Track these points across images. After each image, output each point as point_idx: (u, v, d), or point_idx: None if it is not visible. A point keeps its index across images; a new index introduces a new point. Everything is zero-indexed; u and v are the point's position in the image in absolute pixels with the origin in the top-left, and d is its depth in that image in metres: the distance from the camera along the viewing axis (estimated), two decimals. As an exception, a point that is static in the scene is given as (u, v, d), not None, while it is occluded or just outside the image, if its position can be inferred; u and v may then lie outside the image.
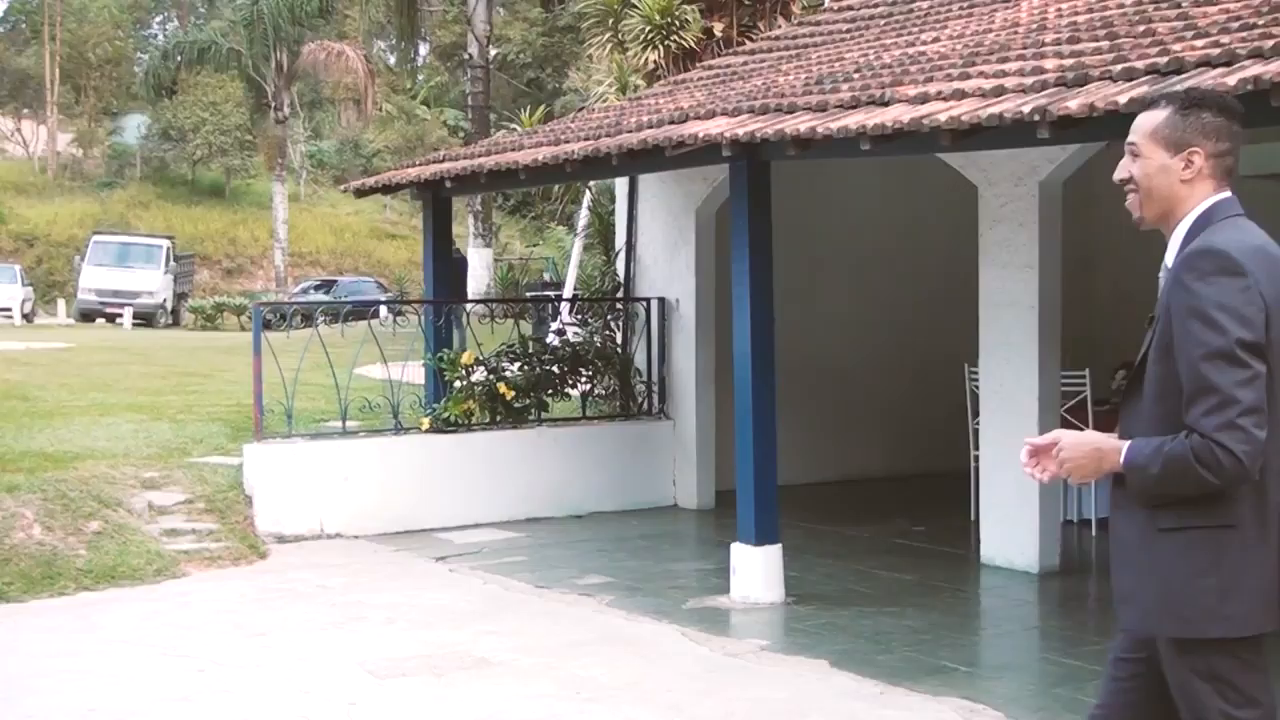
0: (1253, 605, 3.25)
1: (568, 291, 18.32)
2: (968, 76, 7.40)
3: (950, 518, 10.56)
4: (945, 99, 7.03)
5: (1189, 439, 3.15)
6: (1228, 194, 3.39)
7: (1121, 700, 3.50)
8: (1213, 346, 3.14)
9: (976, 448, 9.88)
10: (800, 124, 7.49)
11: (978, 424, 9.74)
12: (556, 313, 14.42)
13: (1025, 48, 7.79)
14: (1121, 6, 8.19)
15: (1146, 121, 3.43)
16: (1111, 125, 6.13)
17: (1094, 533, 10.05)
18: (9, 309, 38.13)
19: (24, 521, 8.87)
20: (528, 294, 25.30)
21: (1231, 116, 3.41)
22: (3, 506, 8.97)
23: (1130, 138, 3.47)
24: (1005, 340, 9.08)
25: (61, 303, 43.09)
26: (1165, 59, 6.22)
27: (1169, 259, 3.37)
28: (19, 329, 34.55)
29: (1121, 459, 3.27)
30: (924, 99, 7.15)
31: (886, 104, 7.38)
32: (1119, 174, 3.49)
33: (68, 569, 8.55)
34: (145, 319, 38.22)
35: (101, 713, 6.12)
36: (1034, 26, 8.60)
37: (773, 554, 8.37)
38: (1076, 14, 8.48)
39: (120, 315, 37.20)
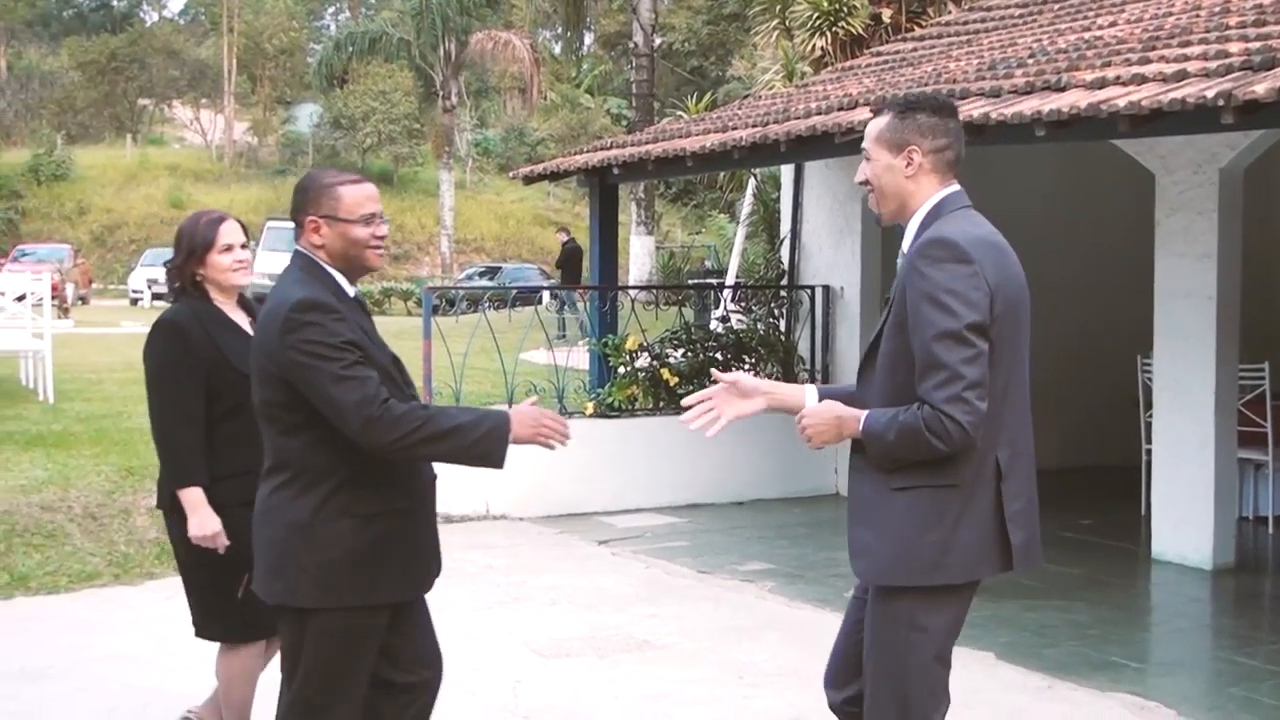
0: (970, 556, 3.62)
1: (730, 279, 18.31)
2: (1148, 61, 7.23)
3: (1119, 512, 10.34)
4: (1124, 84, 6.88)
5: (920, 410, 3.50)
6: (955, 187, 3.74)
7: (857, 635, 3.87)
8: (942, 327, 3.48)
9: (1148, 441, 9.65)
10: (974, 110, 7.38)
11: (1150, 417, 9.52)
12: (719, 300, 14.42)
13: (1208, 31, 7.59)
14: (1310, -12, 7.93)
15: (872, 127, 3.79)
16: (1299, 110, 5.95)
17: (1271, 530, 9.77)
18: (187, 292, 39.31)
19: (203, 496, 9.16)
20: (689, 281, 25.35)
21: (946, 115, 3.77)
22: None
23: (863, 143, 3.81)
24: (1181, 331, 8.85)
25: (236, 287, 44.26)
26: (1357, 41, 6.02)
27: (904, 248, 3.71)
28: (196, 311, 35.62)
29: (860, 427, 3.62)
30: (1101, 84, 7.01)
31: (1062, 89, 7.25)
32: (858, 177, 3.85)
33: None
34: (315, 303, 39.11)
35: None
36: (1217, 9, 8.37)
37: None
38: (1262, -4, 8.23)
39: (292, 298, 38.12)
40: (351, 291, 3.92)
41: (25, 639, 6.93)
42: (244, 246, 4.94)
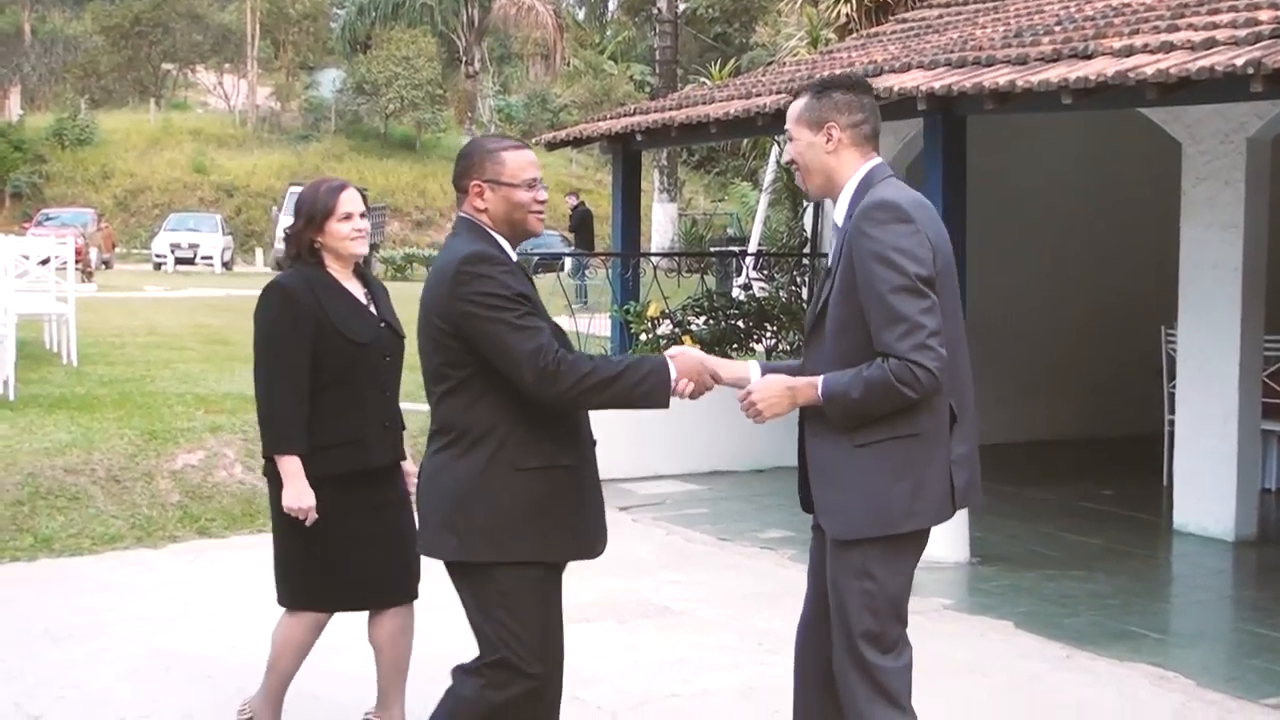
0: (935, 500, 3.83)
1: (753, 246, 18.27)
2: (1176, 28, 7.17)
3: (1140, 483, 10.31)
4: (1152, 52, 6.82)
5: (886, 363, 3.63)
6: (878, 159, 3.91)
7: (824, 601, 3.99)
8: (896, 283, 3.63)
9: (1171, 412, 9.62)
10: (999, 77, 7.34)
11: (1173, 388, 9.48)
12: (742, 267, 14.40)
13: (1237, -2, 7.51)
14: (1342, -45, 7.83)
15: (793, 109, 3.94)
16: (1329, 78, 5.90)
17: (1294, 503, 9.74)
18: (210, 257, 39.46)
19: (225, 461, 9.20)
20: (711, 249, 25.29)
21: (861, 92, 3.91)
22: (205, 446, 9.31)
23: (785, 125, 3.97)
24: (1206, 302, 8.80)
25: (259, 251, 44.42)
26: (1389, 9, 5.96)
27: (838, 219, 3.88)
28: (219, 276, 35.82)
29: (819, 392, 3.75)
30: (1129, 52, 6.95)
31: (1089, 57, 7.20)
32: (785, 157, 4.00)
33: (265, 507, 8.82)
34: (338, 268, 39.15)
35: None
36: (1246, -23, 8.28)
37: (958, 514, 8.26)
38: (1292, -37, 8.14)
39: (314, 264, 38.17)
40: (514, 256, 3.94)
41: (48, 601, 6.98)
42: (363, 215, 4.93)
